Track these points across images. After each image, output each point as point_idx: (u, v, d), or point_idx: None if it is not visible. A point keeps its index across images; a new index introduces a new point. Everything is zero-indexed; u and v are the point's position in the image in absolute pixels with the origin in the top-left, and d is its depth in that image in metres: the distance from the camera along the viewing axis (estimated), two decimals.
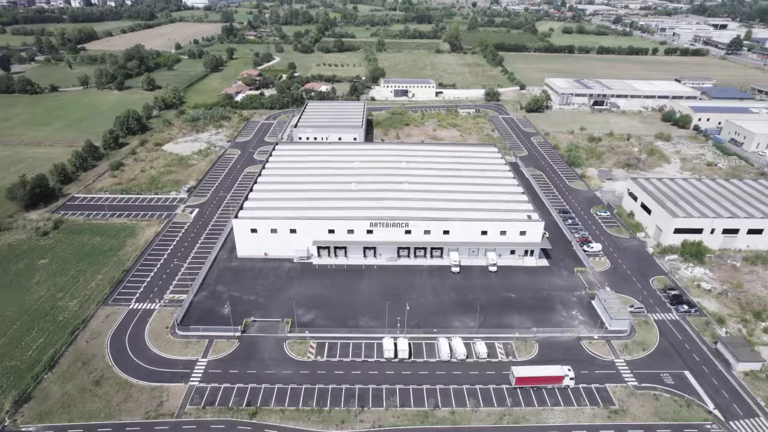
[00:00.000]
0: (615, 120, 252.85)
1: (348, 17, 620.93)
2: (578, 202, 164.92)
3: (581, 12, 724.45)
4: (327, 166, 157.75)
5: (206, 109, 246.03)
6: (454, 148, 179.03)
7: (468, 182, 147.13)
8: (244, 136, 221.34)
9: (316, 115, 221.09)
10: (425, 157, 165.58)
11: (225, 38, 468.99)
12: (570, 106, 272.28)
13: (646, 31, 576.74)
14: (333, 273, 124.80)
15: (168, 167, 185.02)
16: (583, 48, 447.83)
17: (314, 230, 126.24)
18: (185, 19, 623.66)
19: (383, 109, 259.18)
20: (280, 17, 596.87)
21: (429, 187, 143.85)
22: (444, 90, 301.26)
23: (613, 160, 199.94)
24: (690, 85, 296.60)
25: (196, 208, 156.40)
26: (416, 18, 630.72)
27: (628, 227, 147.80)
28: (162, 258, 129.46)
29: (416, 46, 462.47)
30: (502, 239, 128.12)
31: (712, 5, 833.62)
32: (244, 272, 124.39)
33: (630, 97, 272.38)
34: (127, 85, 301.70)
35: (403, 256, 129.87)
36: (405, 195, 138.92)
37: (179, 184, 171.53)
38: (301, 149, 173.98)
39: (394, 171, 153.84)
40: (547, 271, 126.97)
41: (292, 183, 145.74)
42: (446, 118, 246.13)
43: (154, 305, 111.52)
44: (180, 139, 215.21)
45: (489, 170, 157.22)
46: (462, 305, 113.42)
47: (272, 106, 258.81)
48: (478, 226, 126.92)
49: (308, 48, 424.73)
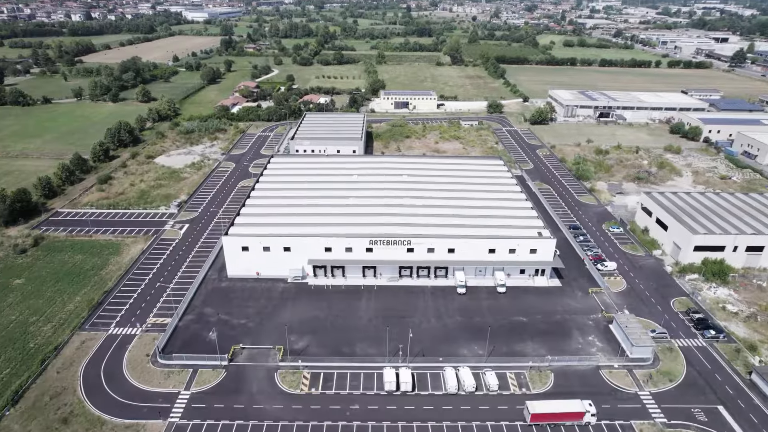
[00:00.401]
0: (622, 132, 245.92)
1: (348, 30, 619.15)
2: (589, 217, 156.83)
3: (581, 26, 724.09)
4: (324, 180, 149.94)
5: (201, 121, 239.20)
6: (458, 160, 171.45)
7: (474, 197, 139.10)
8: (240, 148, 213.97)
9: (313, 127, 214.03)
10: (428, 171, 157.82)
11: (224, 51, 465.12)
12: (575, 119, 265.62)
13: (648, 44, 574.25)
14: (330, 294, 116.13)
15: (159, 181, 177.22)
16: (585, 60, 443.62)
17: (310, 248, 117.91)
18: (184, 33, 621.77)
19: (383, 121, 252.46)
20: (280, 30, 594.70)
21: (432, 202, 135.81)
22: (445, 102, 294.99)
23: (622, 174, 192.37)
24: (697, 97, 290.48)
25: (186, 223, 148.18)
26: (416, 31, 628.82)
27: (643, 244, 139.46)
28: (147, 278, 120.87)
29: (416, 59, 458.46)
30: (510, 258, 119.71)
31: (711, 19, 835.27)
32: (235, 293, 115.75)
33: (636, 108, 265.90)
34: (122, 96, 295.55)
35: (405, 275, 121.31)
36: (407, 210, 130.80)
37: (169, 198, 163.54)
38: (298, 162, 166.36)
39: (395, 185, 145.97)
40: (559, 292, 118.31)
41: (287, 198, 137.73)
42: (448, 130, 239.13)
43: (135, 330, 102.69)
44: (173, 152, 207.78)
45: (495, 184, 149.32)
46: (469, 330, 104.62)
47: (269, 118, 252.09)
48: (486, 243, 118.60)
49: (307, 60, 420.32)
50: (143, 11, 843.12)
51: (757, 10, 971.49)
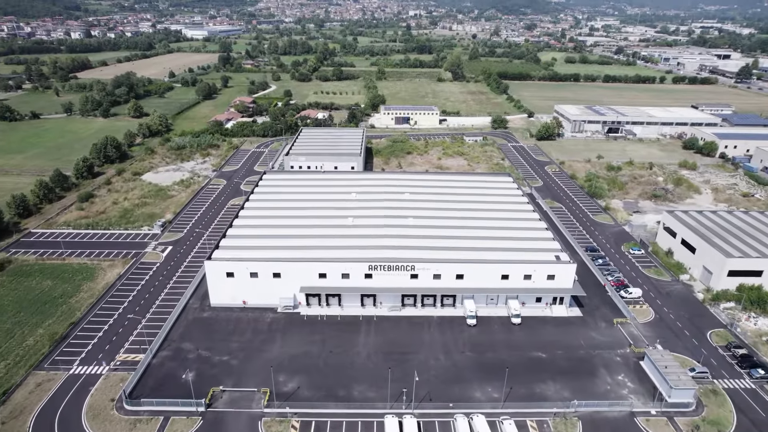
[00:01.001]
0: (632, 148, 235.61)
1: (347, 47, 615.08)
2: (606, 238, 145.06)
3: (582, 43, 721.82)
4: (320, 198, 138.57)
5: (193, 136, 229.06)
6: (465, 177, 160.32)
7: (483, 216, 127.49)
8: (232, 165, 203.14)
9: (310, 142, 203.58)
10: (432, 188, 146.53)
11: (221, 67, 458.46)
12: (583, 134, 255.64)
13: (650, 60, 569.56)
14: (324, 326, 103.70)
15: (144, 199, 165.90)
16: (588, 76, 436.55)
17: (302, 274, 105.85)
18: (183, 50, 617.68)
19: (383, 137, 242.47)
20: (279, 47, 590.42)
21: (438, 222, 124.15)
22: (448, 117, 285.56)
23: (637, 191, 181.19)
24: (708, 111, 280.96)
25: (169, 245, 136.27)
26: (416, 48, 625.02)
27: (669, 268, 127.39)
28: (121, 306, 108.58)
29: (417, 75, 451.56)
30: (526, 284, 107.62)
31: (710, 37, 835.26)
32: (218, 325, 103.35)
33: (646, 123, 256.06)
34: (114, 112, 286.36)
35: (409, 305, 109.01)
36: (410, 232, 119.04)
37: (154, 217, 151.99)
38: (292, 179, 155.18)
39: (396, 204, 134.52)
40: (580, 323, 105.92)
41: (279, 218, 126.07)
42: (451, 146, 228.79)
43: (101, 369, 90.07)
44: (161, 168, 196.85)
45: (505, 202, 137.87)
46: (482, 368, 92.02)
47: (264, 133, 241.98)
48: (498, 269, 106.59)
49: (306, 76, 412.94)
50: (144, 29, 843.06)
51: (754, 29, 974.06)
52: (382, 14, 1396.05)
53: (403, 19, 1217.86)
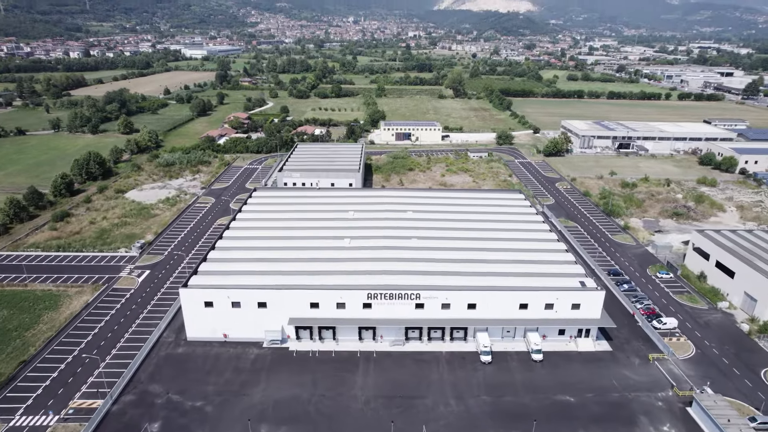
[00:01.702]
0: (645, 164, 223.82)
1: (347, 65, 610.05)
2: (628, 260, 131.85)
3: (583, 61, 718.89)
4: (313, 217, 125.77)
5: (183, 152, 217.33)
6: (472, 194, 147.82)
7: (495, 237, 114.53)
8: (223, 182, 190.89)
9: (305, 157, 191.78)
10: (437, 206, 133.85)
11: (218, 84, 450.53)
12: (592, 150, 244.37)
13: (653, 78, 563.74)
14: (316, 364, 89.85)
15: (124, 218, 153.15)
16: (592, 93, 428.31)
17: (291, 304, 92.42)
18: (181, 69, 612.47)
19: (384, 153, 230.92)
20: (278, 66, 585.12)
21: (445, 244, 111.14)
22: (450, 134, 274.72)
23: (656, 209, 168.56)
24: (722, 126, 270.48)
25: (147, 269, 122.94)
26: (416, 67, 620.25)
27: (703, 294, 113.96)
28: (84, 341, 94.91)
29: (417, 92, 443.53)
30: (547, 315, 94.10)
31: (711, 56, 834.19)
32: (193, 362, 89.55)
33: (658, 139, 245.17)
34: (104, 128, 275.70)
35: (413, 338, 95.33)
36: (414, 255, 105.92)
37: (133, 238, 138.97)
38: (284, 197, 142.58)
39: (398, 223, 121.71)
40: (611, 359, 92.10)
41: (267, 239, 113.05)
42: (455, 162, 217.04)
43: (49, 419, 75.97)
44: (146, 186, 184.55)
45: (519, 221, 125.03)
46: (501, 416, 78.05)
47: (259, 149, 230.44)
48: (516, 297, 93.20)
49: (304, 93, 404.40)
50: (144, 49, 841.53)
51: (752, 49, 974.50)
52: (382, 35, 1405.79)
53: (403, 39, 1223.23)
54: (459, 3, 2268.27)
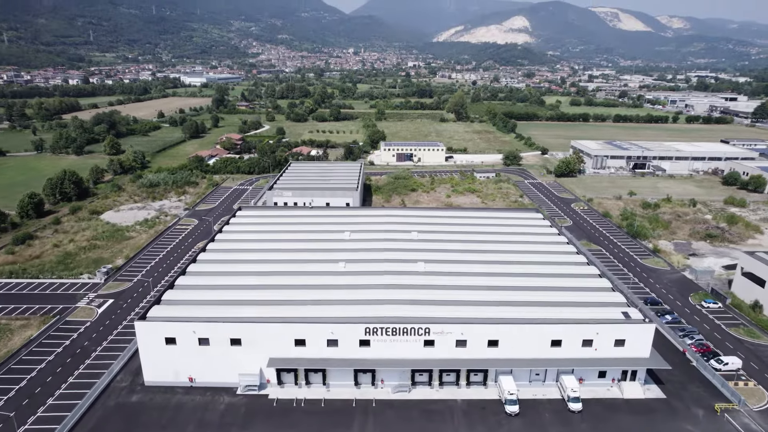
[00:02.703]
0: (665, 185, 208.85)
1: (346, 91, 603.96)
2: (664, 287, 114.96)
3: (584, 88, 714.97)
4: (304, 238, 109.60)
5: (169, 173, 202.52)
6: (485, 214, 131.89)
7: (516, 260, 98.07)
8: (209, 203, 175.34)
9: (298, 176, 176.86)
10: (446, 226, 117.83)
11: (214, 109, 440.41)
12: (606, 170, 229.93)
13: (656, 103, 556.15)
14: (302, 416, 72.14)
15: (94, 241, 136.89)
16: (598, 116, 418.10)
17: (272, 340, 75.39)
18: (179, 95, 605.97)
19: (384, 174, 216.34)
20: (276, 92, 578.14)
21: (458, 268, 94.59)
22: (454, 155, 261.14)
23: (685, 231, 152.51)
24: (741, 146, 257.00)
25: (110, 298, 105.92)
26: (417, 92, 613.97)
27: (762, 327, 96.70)
28: (14, 388, 77.20)
29: (418, 116, 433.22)
30: (585, 353, 76.89)
31: (711, 83, 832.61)
32: (149, 414, 71.90)
33: (675, 159, 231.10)
34: (90, 149, 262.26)
35: (422, 383, 77.81)
36: (422, 281, 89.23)
37: (100, 263, 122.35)
38: (271, 216, 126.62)
39: (402, 244, 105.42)
40: (666, 410, 74.41)
41: (248, 263, 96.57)
42: (461, 183, 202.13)
43: None
44: (124, 207, 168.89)
45: (540, 243, 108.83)
46: None
47: (250, 170, 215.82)
48: (547, 331, 76.17)
49: (302, 116, 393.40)
50: (144, 78, 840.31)
51: (749, 77, 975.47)
52: (381, 65, 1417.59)
53: (402, 69, 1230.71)
54: (457, 35, 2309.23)
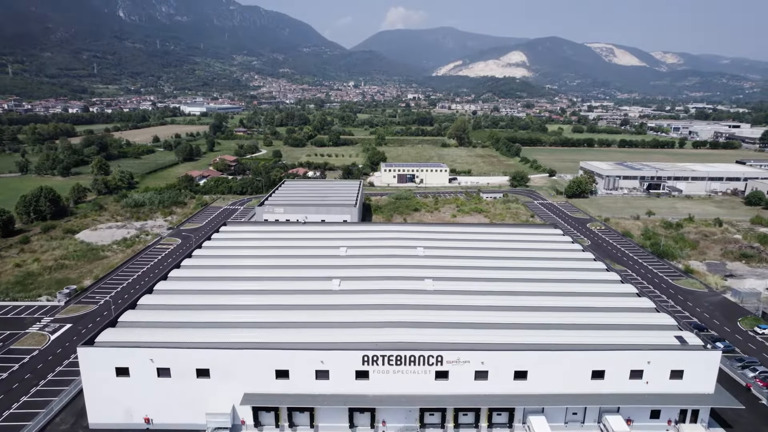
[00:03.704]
0: (683, 205, 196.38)
1: (346, 119, 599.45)
2: (706, 311, 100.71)
3: (585, 117, 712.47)
4: (294, 254, 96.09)
5: (156, 192, 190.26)
6: (498, 229, 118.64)
7: (541, 278, 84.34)
8: (195, 222, 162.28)
9: (293, 193, 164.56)
10: (455, 242, 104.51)
11: (212, 135, 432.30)
12: (618, 191, 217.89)
13: (660, 130, 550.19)
14: None
15: (63, 260, 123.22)
16: (603, 141, 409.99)
17: (248, 371, 60.96)
18: (177, 122, 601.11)
19: (385, 195, 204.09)
20: (275, 119, 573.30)
21: (473, 286, 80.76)
22: (458, 177, 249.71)
23: (715, 250, 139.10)
24: (759, 167, 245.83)
25: (68, 323, 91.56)
26: (417, 120, 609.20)
27: None
28: None
29: (419, 142, 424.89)
30: (633, 387, 62.32)
31: (711, 113, 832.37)
32: None
33: (691, 179, 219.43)
34: (77, 171, 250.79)
35: (433, 425, 62.91)
36: (431, 300, 75.28)
37: (65, 284, 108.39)
38: (260, 231, 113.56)
39: (406, 261, 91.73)
40: None
41: (227, 280, 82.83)
42: (467, 203, 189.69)
43: None
44: (102, 225, 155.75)
45: (565, 260, 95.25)
46: None
47: (243, 190, 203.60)
48: (587, 359, 61.79)
49: (300, 141, 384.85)
50: (144, 107, 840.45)
51: (746, 109, 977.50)
52: (381, 97, 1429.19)
53: (402, 100, 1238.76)
54: (456, 70, 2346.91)
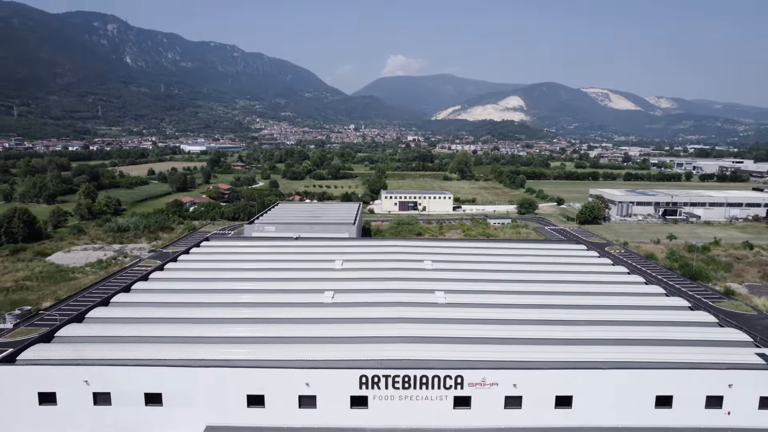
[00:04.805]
0: (704, 230, 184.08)
1: (346, 156, 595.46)
2: (762, 334, 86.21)
3: (586, 154, 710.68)
4: (283, 267, 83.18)
5: (142, 217, 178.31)
6: (516, 244, 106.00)
7: (573, 291, 71.21)
8: (180, 245, 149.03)
9: (286, 213, 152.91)
10: (467, 257, 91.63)
11: (209, 169, 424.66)
12: (633, 218, 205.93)
13: (663, 166, 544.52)
14: None
15: (24, 281, 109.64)
16: (608, 174, 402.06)
17: (211, 396, 46.88)
18: (176, 159, 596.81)
19: (386, 222, 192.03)
20: (275, 156, 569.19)
21: (492, 299, 67.50)
22: (462, 205, 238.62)
23: (753, 273, 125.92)
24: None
25: (10, 347, 77.13)
26: (417, 158, 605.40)
27: None
28: None
29: (421, 176, 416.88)
30: (711, 420, 48.21)
31: (711, 152, 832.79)
32: None
33: (709, 205, 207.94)
34: (64, 200, 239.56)
35: None
36: (444, 313, 61.88)
37: (19, 305, 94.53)
38: (246, 246, 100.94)
39: (412, 274, 78.64)
40: None
41: (198, 293, 69.69)
42: (474, 228, 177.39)
43: None
44: (78, 248, 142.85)
45: (597, 273, 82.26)
46: None
47: (235, 216, 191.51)
48: (649, 381, 47.84)
49: (299, 174, 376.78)
50: (145, 146, 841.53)
51: (743, 149, 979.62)
52: (382, 139, 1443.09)
53: (402, 141, 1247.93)
54: (455, 114, 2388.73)
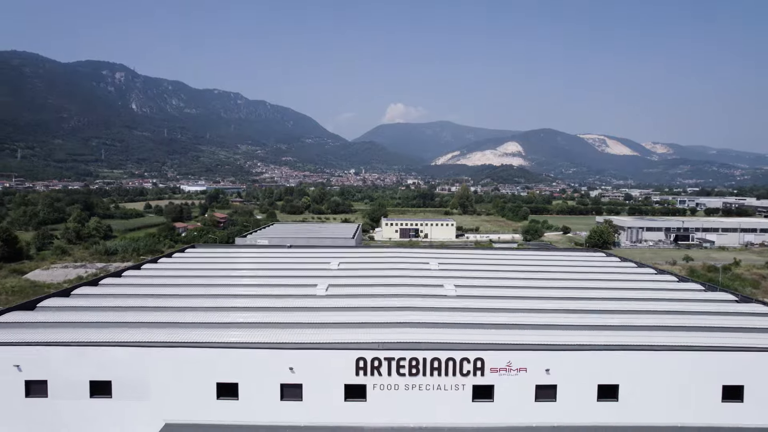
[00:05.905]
0: (719, 255, 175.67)
1: (345, 194, 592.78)
2: None
3: (587, 193, 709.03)
4: (271, 268, 74.99)
5: (131, 241, 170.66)
6: (532, 252, 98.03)
7: (602, 287, 63.27)
8: None
9: (281, 230, 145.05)
10: (477, 261, 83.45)
11: (207, 204, 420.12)
12: (643, 244, 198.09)
13: (666, 203, 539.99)
14: None
15: None
16: (611, 209, 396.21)
17: (171, 385, 37.67)
18: (175, 198, 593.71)
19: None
20: (274, 194, 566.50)
21: (509, 293, 59.25)
22: (466, 233, 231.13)
23: None
24: None
25: None
26: (418, 197, 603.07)
27: None
28: None
29: (422, 211, 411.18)
30: None
31: (712, 191, 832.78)
32: None
33: (721, 230, 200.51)
34: (54, 228, 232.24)
35: None
36: (454, 303, 53.38)
37: None
38: (233, 253, 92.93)
39: (417, 273, 70.24)
40: None
41: (172, 287, 61.41)
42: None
43: None
44: (58, 265, 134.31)
45: (624, 274, 74.84)
46: None
47: (229, 239, 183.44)
48: (714, 365, 38.80)
49: (298, 209, 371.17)
50: (146, 186, 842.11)
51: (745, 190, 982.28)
52: (382, 183, 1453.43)
53: (403, 185, 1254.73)
54: (454, 159, 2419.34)
